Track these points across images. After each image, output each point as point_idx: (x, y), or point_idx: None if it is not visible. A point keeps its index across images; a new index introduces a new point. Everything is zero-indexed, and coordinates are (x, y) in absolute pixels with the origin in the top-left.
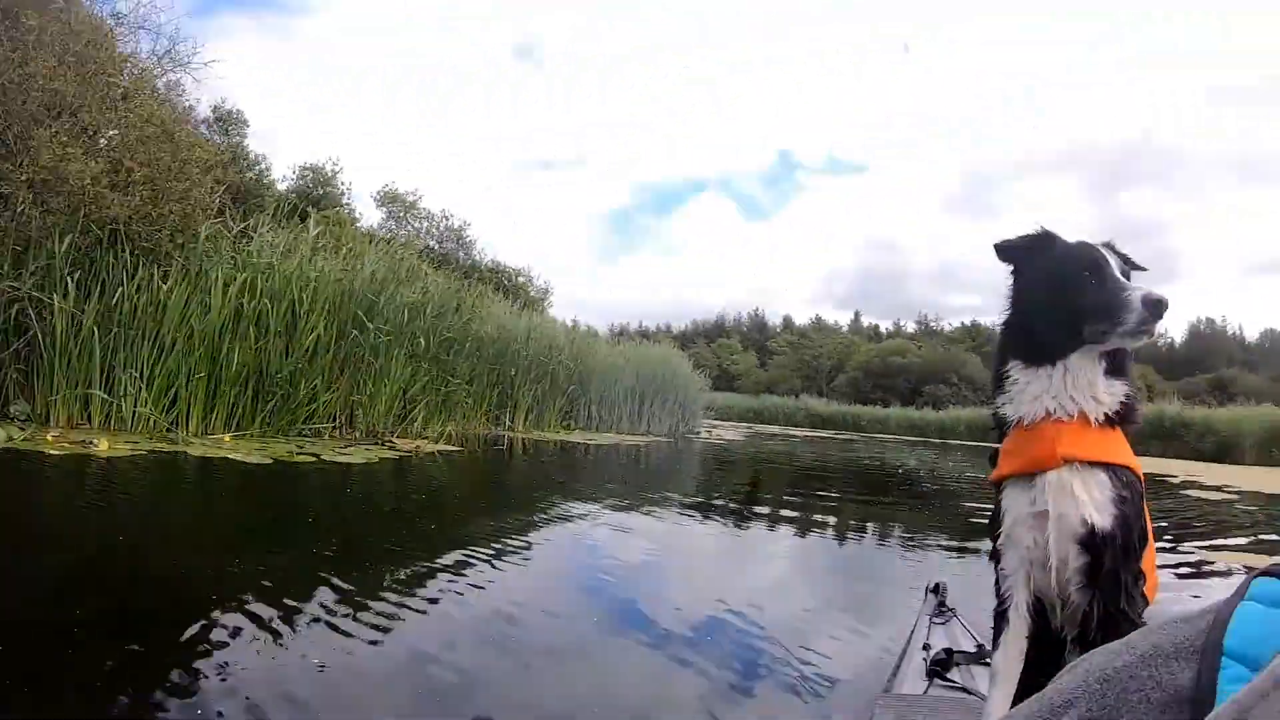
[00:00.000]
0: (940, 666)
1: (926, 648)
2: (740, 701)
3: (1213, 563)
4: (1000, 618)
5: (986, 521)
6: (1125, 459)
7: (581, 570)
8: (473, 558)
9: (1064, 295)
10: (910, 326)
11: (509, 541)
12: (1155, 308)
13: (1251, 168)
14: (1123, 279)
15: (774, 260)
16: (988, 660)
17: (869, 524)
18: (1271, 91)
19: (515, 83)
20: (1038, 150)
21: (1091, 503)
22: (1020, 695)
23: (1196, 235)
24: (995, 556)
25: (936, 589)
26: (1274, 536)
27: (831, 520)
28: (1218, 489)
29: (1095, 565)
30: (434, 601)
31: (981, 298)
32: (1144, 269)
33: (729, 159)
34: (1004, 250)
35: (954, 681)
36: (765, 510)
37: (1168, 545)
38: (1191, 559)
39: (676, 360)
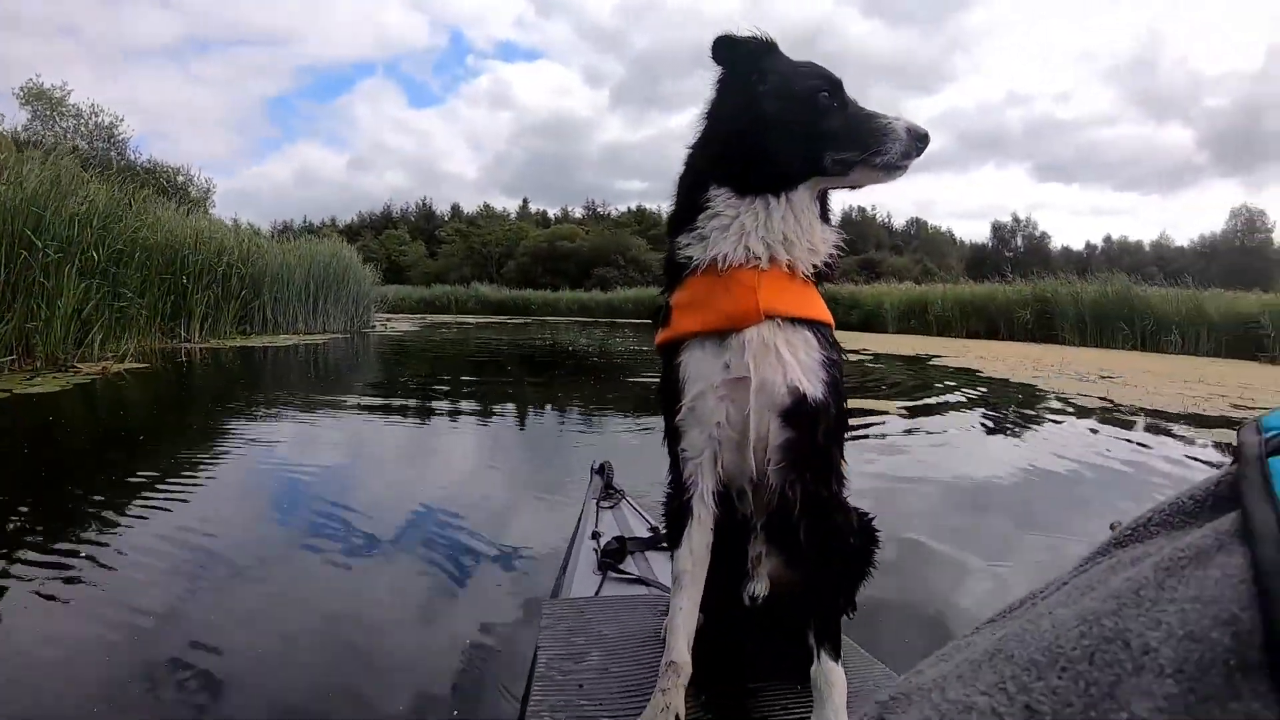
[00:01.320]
0: (612, 558)
1: (596, 536)
2: (440, 609)
3: (883, 417)
4: (681, 509)
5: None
6: (826, 316)
7: (273, 482)
8: (163, 481)
9: (802, 113)
10: (578, 212)
11: (197, 461)
12: (922, 141)
13: (906, 76)
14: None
15: (441, 147)
16: (663, 545)
17: (547, 405)
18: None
19: None
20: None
21: (799, 366)
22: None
23: None
24: (673, 436)
25: (602, 470)
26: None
27: (510, 404)
28: (855, 352)
29: (802, 441)
30: (131, 528)
31: (648, 183)
32: None
33: (397, 40)
34: (725, 47)
35: (628, 573)
36: (446, 400)
37: None
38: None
39: (346, 255)
